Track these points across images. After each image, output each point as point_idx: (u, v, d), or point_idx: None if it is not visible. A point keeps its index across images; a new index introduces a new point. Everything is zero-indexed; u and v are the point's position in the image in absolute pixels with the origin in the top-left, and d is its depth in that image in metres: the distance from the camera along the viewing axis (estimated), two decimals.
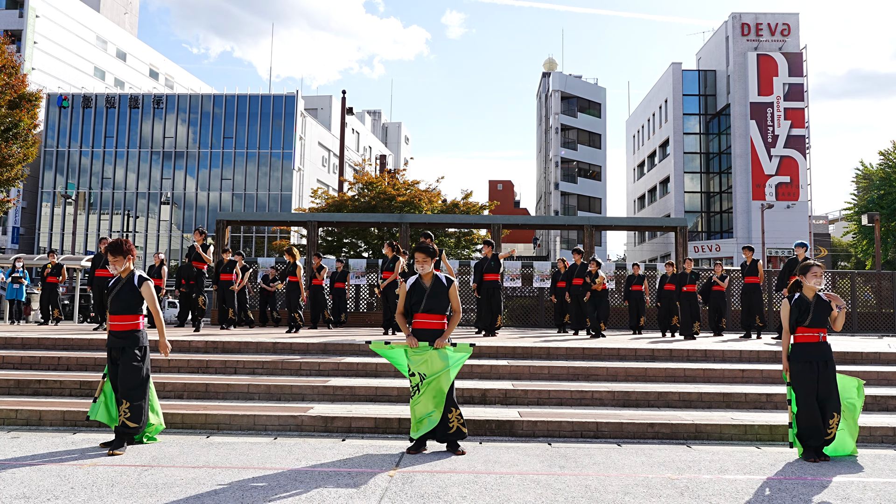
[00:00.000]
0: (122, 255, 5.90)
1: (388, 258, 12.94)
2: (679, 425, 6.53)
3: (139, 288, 5.88)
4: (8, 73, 24.32)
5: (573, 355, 9.21)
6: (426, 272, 5.89)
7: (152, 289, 5.96)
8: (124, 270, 5.94)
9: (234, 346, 9.32)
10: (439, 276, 5.89)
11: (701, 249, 47.99)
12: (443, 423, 5.68)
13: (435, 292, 5.83)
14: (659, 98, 56.14)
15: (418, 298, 5.84)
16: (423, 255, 5.89)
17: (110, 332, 5.87)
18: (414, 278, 5.95)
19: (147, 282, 5.94)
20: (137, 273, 5.99)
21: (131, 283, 5.90)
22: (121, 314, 5.86)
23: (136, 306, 5.89)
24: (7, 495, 4.33)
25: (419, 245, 5.95)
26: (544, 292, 18.09)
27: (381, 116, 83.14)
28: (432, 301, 5.81)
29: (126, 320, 5.86)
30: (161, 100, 53.28)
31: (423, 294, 5.83)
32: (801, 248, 11.46)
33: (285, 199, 52.05)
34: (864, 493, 4.72)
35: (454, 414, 5.70)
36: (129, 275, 5.95)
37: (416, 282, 5.92)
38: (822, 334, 5.91)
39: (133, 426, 5.68)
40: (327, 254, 28.64)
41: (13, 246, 49.26)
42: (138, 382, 5.77)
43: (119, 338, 5.82)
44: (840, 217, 54.71)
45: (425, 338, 5.77)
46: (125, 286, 5.90)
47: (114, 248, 5.90)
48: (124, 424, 5.66)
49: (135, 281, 5.91)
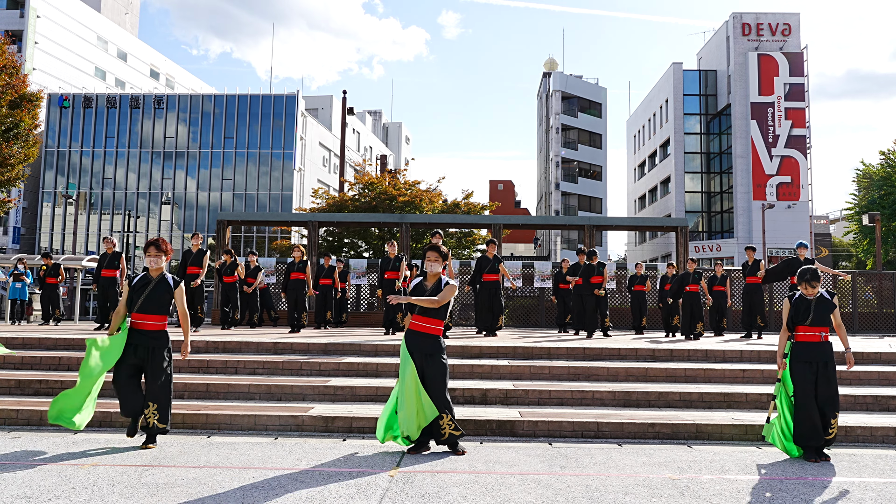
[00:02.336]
0: (165, 254, 5.95)
1: (390, 258, 12.93)
2: (680, 425, 6.53)
3: (174, 289, 5.93)
4: (9, 73, 24.32)
5: (574, 355, 9.20)
6: (435, 272, 5.81)
7: (184, 292, 6.06)
8: (157, 270, 5.96)
9: (235, 346, 9.32)
10: (443, 279, 5.83)
11: (702, 249, 47.94)
12: (435, 429, 5.61)
13: (435, 293, 5.73)
14: (660, 98, 56.11)
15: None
16: (436, 255, 5.79)
17: (137, 330, 5.82)
18: (418, 279, 5.85)
19: (182, 284, 6.02)
20: (169, 275, 6.01)
21: (166, 284, 5.92)
22: (153, 314, 5.85)
23: (167, 307, 5.93)
24: (8, 495, 4.33)
25: (431, 244, 5.86)
26: (545, 292, 18.09)
27: (381, 116, 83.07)
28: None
29: (158, 320, 5.88)
30: (162, 100, 53.25)
31: (422, 294, 5.74)
32: (802, 248, 11.44)
33: (286, 199, 52.01)
34: (865, 494, 4.72)
35: (445, 420, 5.58)
36: (160, 275, 5.96)
37: (419, 283, 5.82)
38: (823, 334, 5.88)
39: (162, 426, 5.81)
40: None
41: (14, 246, 49.28)
42: (168, 383, 5.84)
43: (151, 337, 5.81)
44: (841, 217, 54.64)
45: (417, 342, 5.64)
46: (159, 286, 5.90)
47: (157, 246, 5.93)
48: (154, 426, 5.77)
49: (170, 282, 5.94)
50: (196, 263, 12.51)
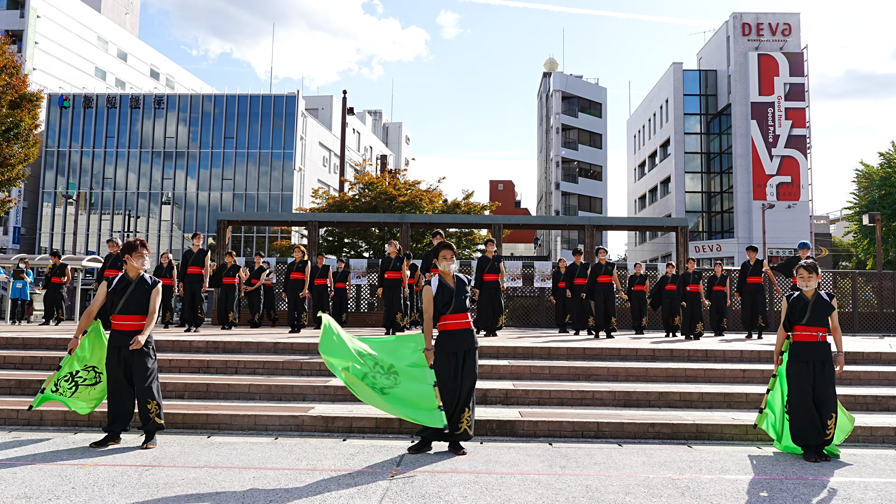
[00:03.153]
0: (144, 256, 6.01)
1: (390, 258, 12.90)
2: (680, 425, 6.53)
3: (152, 289, 5.97)
4: (9, 73, 24.32)
5: (574, 355, 9.20)
6: (451, 271, 5.82)
7: (160, 293, 6.10)
8: (136, 271, 6.00)
9: (235, 346, 9.32)
10: (459, 275, 5.87)
11: (702, 249, 47.94)
12: (454, 422, 5.66)
13: (461, 290, 5.79)
14: (660, 98, 56.11)
15: (448, 299, 5.72)
16: (451, 252, 5.84)
17: (119, 331, 5.84)
18: (437, 279, 5.81)
19: (159, 284, 6.07)
20: (148, 275, 6.06)
21: (145, 284, 5.96)
22: (133, 314, 5.90)
23: (146, 307, 5.96)
24: (8, 495, 4.33)
25: (445, 243, 5.88)
26: (545, 292, 18.09)
27: (381, 116, 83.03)
28: (461, 300, 5.76)
29: (140, 320, 5.91)
30: (162, 100, 53.24)
31: (452, 294, 5.74)
32: (803, 248, 11.41)
33: (286, 199, 52.01)
34: (866, 494, 4.72)
35: (466, 414, 5.67)
36: (139, 276, 6.00)
37: (441, 282, 5.79)
38: (820, 334, 5.88)
39: (160, 422, 5.88)
40: (328, 254, 28.66)
41: (14, 246, 49.28)
42: (156, 379, 5.92)
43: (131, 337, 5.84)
44: (841, 217, 54.63)
45: (458, 339, 5.68)
46: (139, 286, 5.94)
47: (146, 247, 6.00)
48: (154, 423, 5.82)
49: (149, 282, 5.99)
50: (197, 263, 12.51)
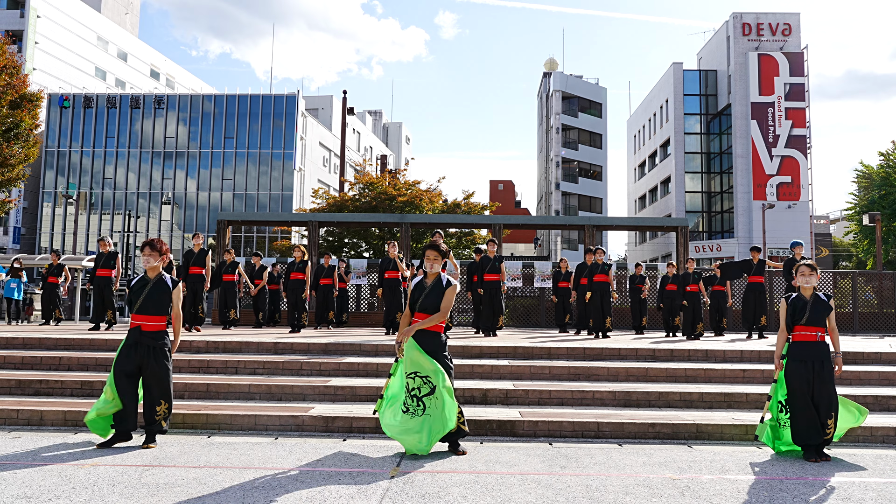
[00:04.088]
0: (160, 254, 5.96)
1: (390, 258, 12.90)
2: (680, 425, 6.52)
3: (172, 290, 5.99)
4: (9, 73, 24.33)
5: (574, 355, 9.20)
6: (434, 272, 5.79)
7: (181, 293, 6.12)
8: (154, 270, 5.99)
9: (236, 346, 9.32)
10: (442, 277, 5.81)
11: (702, 249, 47.94)
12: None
13: (434, 291, 5.69)
14: (660, 98, 56.11)
15: (416, 297, 5.73)
16: (435, 253, 5.77)
17: (140, 330, 5.85)
18: (419, 278, 5.86)
19: (179, 284, 6.08)
20: (168, 276, 6.04)
21: (164, 284, 5.97)
22: (154, 314, 5.90)
23: (166, 307, 5.97)
24: (8, 495, 4.33)
25: (431, 243, 5.84)
26: (545, 292, 18.08)
27: (381, 116, 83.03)
28: (428, 300, 5.66)
29: (158, 321, 5.92)
30: (162, 100, 53.25)
31: (421, 293, 5.73)
32: (797, 247, 11.40)
33: (286, 199, 52.02)
34: (866, 494, 4.72)
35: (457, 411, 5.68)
36: (158, 276, 5.99)
37: (419, 281, 5.84)
38: (819, 334, 5.89)
39: (165, 426, 5.89)
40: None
41: (14, 246, 49.29)
42: (170, 381, 5.92)
43: (150, 338, 5.85)
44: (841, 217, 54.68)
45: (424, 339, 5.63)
46: (157, 286, 5.94)
47: (153, 246, 5.95)
48: (159, 426, 5.82)
49: (168, 282, 5.98)
50: (198, 263, 12.51)
